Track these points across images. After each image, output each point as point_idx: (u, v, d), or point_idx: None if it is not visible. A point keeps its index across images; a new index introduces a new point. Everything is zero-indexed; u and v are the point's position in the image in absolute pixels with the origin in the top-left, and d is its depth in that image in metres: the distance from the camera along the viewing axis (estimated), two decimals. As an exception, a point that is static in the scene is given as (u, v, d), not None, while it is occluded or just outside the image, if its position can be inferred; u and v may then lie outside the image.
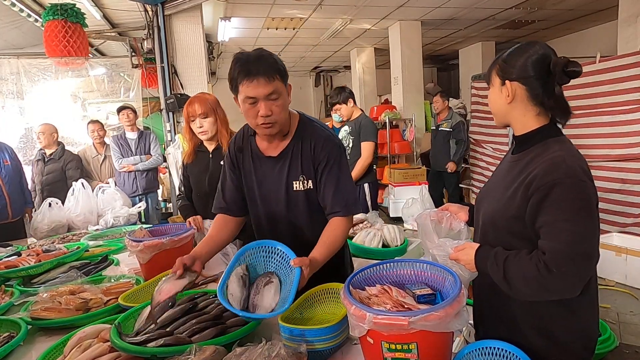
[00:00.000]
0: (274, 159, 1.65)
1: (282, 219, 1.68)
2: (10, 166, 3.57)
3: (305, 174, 1.62)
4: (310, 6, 6.22)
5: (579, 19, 8.00)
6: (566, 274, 1.06)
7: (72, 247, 2.44)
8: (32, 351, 1.46)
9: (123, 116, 4.72)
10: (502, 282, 1.15)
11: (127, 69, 5.47)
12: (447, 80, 12.81)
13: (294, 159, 1.62)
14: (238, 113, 1.61)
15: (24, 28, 5.40)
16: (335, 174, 1.60)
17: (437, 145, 5.94)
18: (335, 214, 1.60)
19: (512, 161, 1.29)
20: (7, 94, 5.20)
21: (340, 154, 1.64)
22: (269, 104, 1.48)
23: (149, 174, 4.82)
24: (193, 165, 2.49)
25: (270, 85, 1.45)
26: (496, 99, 1.27)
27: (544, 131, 1.22)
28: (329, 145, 1.61)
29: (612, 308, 3.34)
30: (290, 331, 1.26)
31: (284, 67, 1.52)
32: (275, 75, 1.46)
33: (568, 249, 1.07)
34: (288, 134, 1.64)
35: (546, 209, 1.10)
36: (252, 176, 1.70)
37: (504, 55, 1.25)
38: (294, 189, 1.63)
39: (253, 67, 1.44)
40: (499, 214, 1.23)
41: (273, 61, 1.48)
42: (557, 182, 1.09)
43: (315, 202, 1.65)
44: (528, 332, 1.24)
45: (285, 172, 1.63)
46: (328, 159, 1.60)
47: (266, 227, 1.74)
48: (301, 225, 1.68)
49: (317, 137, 1.62)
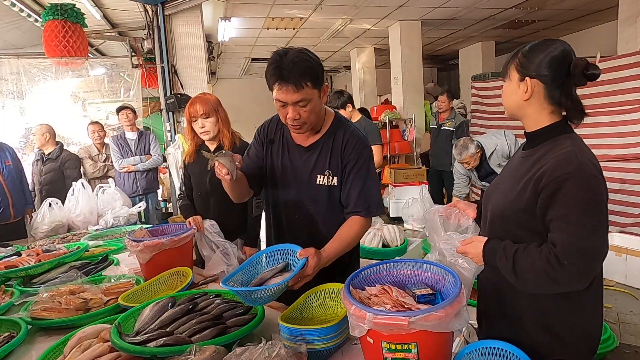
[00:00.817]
0: (304, 148, 1.67)
1: (301, 209, 1.69)
2: (12, 166, 3.57)
3: (332, 169, 1.64)
4: (310, 6, 6.23)
5: (579, 19, 8.01)
6: (576, 266, 1.08)
7: (72, 247, 2.44)
8: (32, 351, 1.46)
9: (122, 116, 4.72)
10: (510, 274, 1.16)
11: (127, 69, 5.48)
12: (447, 80, 12.81)
13: (323, 152, 1.64)
14: (238, 113, 1.63)
15: (24, 28, 5.40)
16: (363, 174, 1.62)
17: (439, 145, 5.90)
18: (356, 213, 1.61)
19: (523, 156, 1.30)
20: (7, 94, 5.20)
21: (370, 156, 1.66)
22: (297, 109, 1.50)
23: (149, 174, 4.82)
24: (194, 164, 2.50)
25: (298, 94, 1.46)
26: (512, 93, 1.26)
27: (556, 128, 1.24)
28: (360, 145, 1.63)
29: (612, 308, 3.34)
30: (290, 331, 1.26)
31: (318, 71, 1.49)
32: (306, 82, 1.46)
33: (579, 242, 1.08)
34: (321, 130, 1.66)
35: (557, 202, 1.11)
36: (279, 161, 1.71)
37: (524, 51, 1.23)
38: (317, 182, 1.65)
39: (285, 72, 1.44)
40: (508, 207, 1.24)
41: (307, 67, 1.46)
42: (568, 177, 1.10)
43: (336, 200, 1.66)
44: (533, 330, 1.24)
45: (312, 164, 1.65)
46: (358, 158, 1.62)
47: (283, 214, 1.74)
48: (318, 220, 1.69)
49: (350, 135, 1.64)
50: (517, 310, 1.27)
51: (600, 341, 1.30)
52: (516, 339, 1.17)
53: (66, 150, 4.56)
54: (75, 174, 4.36)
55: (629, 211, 4.38)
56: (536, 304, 1.23)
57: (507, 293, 1.29)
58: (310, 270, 1.40)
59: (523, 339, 1.22)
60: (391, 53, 7.96)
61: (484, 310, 1.42)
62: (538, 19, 7.82)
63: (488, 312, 1.40)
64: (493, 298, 1.35)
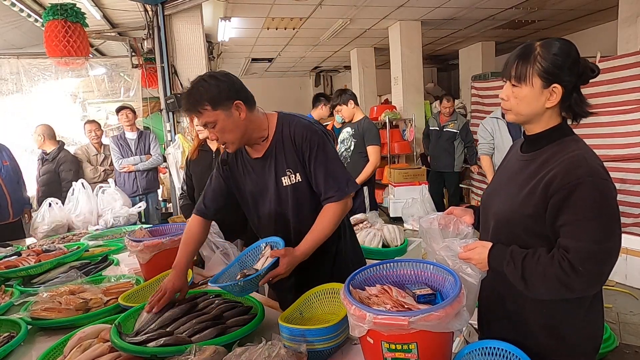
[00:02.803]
0: (260, 159, 1.70)
1: (275, 215, 1.71)
2: (9, 166, 3.57)
3: (291, 167, 1.65)
4: (310, 6, 6.22)
5: (579, 19, 8.00)
6: (591, 272, 1.07)
7: (72, 247, 2.44)
8: (32, 351, 1.46)
9: (122, 116, 4.72)
10: (519, 281, 1.15)
11: (127, 69, 5.47)
12: (447, 80, 12.80)
13: (278, 155, 1.66)
14: None
15: (24, 28, 5.40)
16: (322, 160, 1.62)
17: (440, 146, 5.89)
18: (329, 199, 1.62)
19: (524, 160, 1.28)
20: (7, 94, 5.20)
21: (322, 140, 1.65)
22: (211, 131, 1.57)
23: (149, 174, 4.82)
24: (196, 164, 2.50)
25: (201, 119, 1.54)
26: (534, 100, 1.19)
27: (558, 130, 1.23)
28: (309, 133, 1.63)
29: (612, 308, 3.34)
30: (290, 331, 1.26)
31: (215, 93, 1.52)
32: (204, 107, 1.51)
33: (592, 247, 1.07)
34: (268, 136, 1.67)
35: (569, 207, 1.10)
36: (243, 179, 1.75)
37: (544, 54, 1.16)
38: (283, 185, 1.67)
39: (184, 104, 1.58)
40: (514, 213, 1.22)
41: (200, 93, 1.52)
42: (579, 182, 1.09)
43: (304, 195, 1.67)
44: (537, 331, 1.24)
45: (273, 170, 1.67)
46: (311, 146, 1.62)
47: (263, 225, 1.77)
48: (293, 219, 1.70)
49: (296, 129, 1.65)
50: (520, 312, 1.26)
51: (602, 341, 1.30)
52: (519, 340, 1.17)
53: (65, 151, 4.50)
54: (71, 176, 4.28)
55: (629, 211, 4.38)
56: (539, 306, 1.23)
57: (509, 296, 1.28)
58: (283, 269, 1.47)
59: (526, 341, 1.22)
60: (391, 53, 7.95)
61: (486, 312, 1.41)
62: (538, 19, 7.82)
63: (490, 314, 1.39)
64: (495, 300, 1.34)
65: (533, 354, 1.11)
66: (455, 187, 6.05)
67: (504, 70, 1.25)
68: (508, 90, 1.24)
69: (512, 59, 1.22)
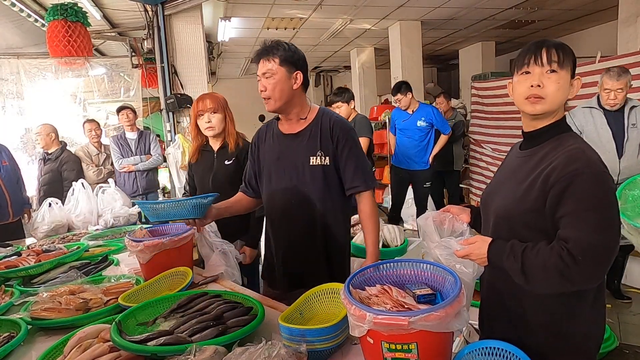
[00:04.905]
0: (293, 135, 1.82)
1: (296, 193, 1.80)
2: (9, 166, 3.57)
3: (323, 150, 1.78)
4: (310, 6, 6.23)
5: (579, 19, 8.01)
6: (591, 262, 1.07)
7: (72, 247, 2.43)
8: (32, 351, 1.46)
9: (123, 116, 4.72)
10: (519, 275, 1.14)
11: (127, 69, 5.47)
12: (447, 80, 12.80)
13: (312, 136, 1.80)
14: (238, 113, 1.66)
15: (24, 28, 5.40)
16: (354, 152, 1.80)
17: None
18: (355, 187, 1.79)
19: (523, 156, 1.29)
20: (7, 94, 5.20)
21: (356, 136, 1.85)
22: (264, 82, 1.73)
23: (149, 174, 4.82)
24: (197, 164, 2.50)
25: (265, 66, 1.72)
26: (566, 89, 1.21)
27: (560, 126, 1.24)
28: (345, 128, 1.82)
29: (612, 308, 3.34)
30: (290, 331, 1.26)
31: (290, 57, 1.73)
32: (275, 57, 1.71)
33: (593, 237, 1.07)
34: (307, 118, 1.82)
35: (568, 199, 1.10)
36: (271, 153, 1.87)
37: (566, 48, 1.20)
38: (310, 163, 1.78)
39: (260, 50, 1.76)
40: (514, 208, 1.23)
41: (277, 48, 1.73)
42: (578, 173, 1.10)
43: (331, 178, 1.80)
44: (538, 331, 1.24)
45: (304, 147, 1.80)
46: (347, 139, 1.79)
47: (279, 202, 1.85)
48: (315, 200, 1.80)
49: (336, 120, 1.83)
50: (523, 311, 1.26)
51: (603, 339, 1.30)
52: (521, 340, 1.16)
53: (67, 151, 4.52)
54: (73, 176, 4.29)
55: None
56: (543, 304, 1.22)
57: (510, 295, 1.28)
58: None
59: (528, 340, 1.22)
60: (391, 53, 7.95)
61: (487, 312, 1.41)
62: (538, 19, 7.82)
63: (490, 314, 1.39)
64: (496, 300, 1.34)
65: (535, 353, 1.11)
66: (455, 187, 6.05)
67: (534, 58, 1.19)
68: (543, 77, 1.19)
69: (546, 46, 1.19)
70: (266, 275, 2.04)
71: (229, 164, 2.43)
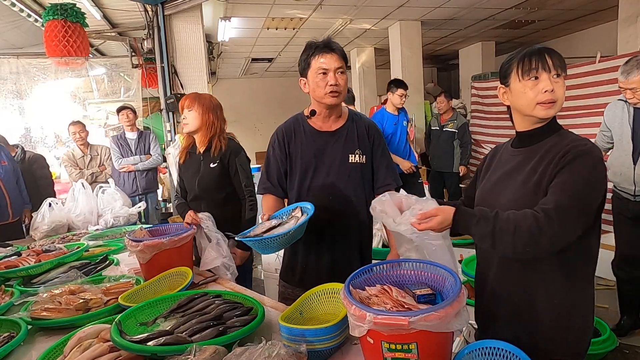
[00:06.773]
0: (330, 133, 1.86)
1: (334, 189, 1.83)
2: (8, 166, 3.57)
3: (361, 148, 1.85)
4: (310, 6, 6.22)
5: (579, 19, 8.00)
6: (565, 223, 1.09)
7: (72, 247, 2.44)
8: (32, 351, 1.46)
9: (123, 116, 4.73)
10: (487, 236, 1.15)
11: (127, 69, 5.47)
12: (447, 80, 12.80)
13: (350, 134, 1.86)
14: (238, 113, 1.66)
15: (24, 28, 5.39)
16: (386, 153, 1.92)
17: (440, 146, 5.89)
18: (387, 185, 1.85)
19: (522, 154, 1.30)
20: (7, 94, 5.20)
21: (384, 138, 1.97)
22: (337, 76, 1.74)
23: (149, 174, 4.82)
24: (186, 167, 2.49)
25: (340, 61, 1.75)
26: (564, 91, 1.27)
27: (555, 124, 1.28)
28: (379, 130, 1.94)
29: (612, 308, 3.33)
30: (290, 331, 1.26)
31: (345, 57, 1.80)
32: (344, 57, 1.77)
33: (571, 201, 1.11)
34: (341, 117, 1.88)
35: (562, 173, 1.15)
36: (307, 149, 1.86)
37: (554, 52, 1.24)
38: (349, 161, 1.83)
39: (331, 44, 1.75)
40: (528, 202, 1.20)
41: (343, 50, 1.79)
42: (580, 153, 1.15)
43: (365, 176, 1.86)
44: (546, 325, 1.25)
45: (342, 145, 1.84)
46: (380, 140, 1.91)
47: (315, 198, 1.81)
48: (351, 197, 1.84)
49: (370, 122, 1.93)
50: (530, 308, 1.27)
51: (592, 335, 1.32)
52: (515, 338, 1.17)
53: (29, 152, 4.53)
54: (48, 173, 4.36)
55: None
56: (552, 299, 1.23)
57: (504, 292, 1.29)
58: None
59: (531, 337, 1.23)
60: (391, 53, 7.95)
61: (482, 309, 1.41)
62: (538, 19, 7.81)
63: (485, 312, 1.39)
64: (490, 297, 1.35)
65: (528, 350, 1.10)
66: (455, 187, 6.04)
67: (542, 64, 1.22)
68: (551, 81, 1.21)
69: (547, 52, 1.23)
70: (289, 271, 1.97)
71: (214, 166, 2.38)
